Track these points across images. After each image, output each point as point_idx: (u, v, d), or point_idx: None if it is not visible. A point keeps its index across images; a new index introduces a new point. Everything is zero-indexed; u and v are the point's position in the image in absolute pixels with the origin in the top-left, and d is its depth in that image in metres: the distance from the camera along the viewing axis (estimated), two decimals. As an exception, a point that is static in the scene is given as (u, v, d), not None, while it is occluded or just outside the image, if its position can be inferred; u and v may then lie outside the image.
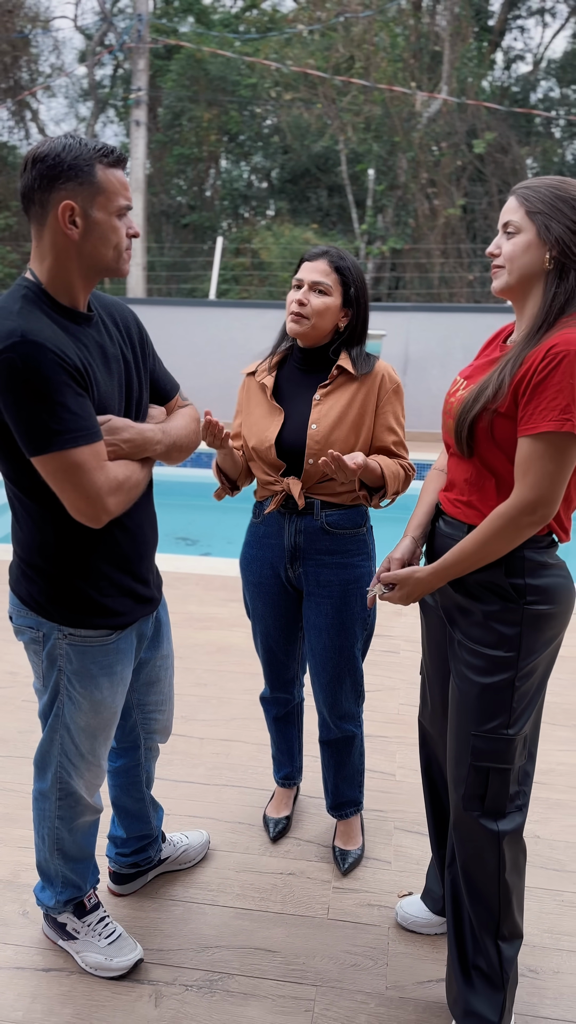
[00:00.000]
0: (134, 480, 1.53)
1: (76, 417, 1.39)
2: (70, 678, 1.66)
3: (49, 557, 1.58)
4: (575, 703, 3.27)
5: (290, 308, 1.99)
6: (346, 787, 2.30)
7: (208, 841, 2.31)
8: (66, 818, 1.83)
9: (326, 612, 2.09)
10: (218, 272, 11.39)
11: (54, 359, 1.36)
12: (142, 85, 13.60)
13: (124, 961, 1.88)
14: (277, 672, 2.29)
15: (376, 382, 2.02)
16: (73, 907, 1.93)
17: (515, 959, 1.69)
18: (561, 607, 1.60)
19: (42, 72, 20.19)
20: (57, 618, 1.61)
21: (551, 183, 1.52)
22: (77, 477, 1.41)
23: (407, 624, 4.03)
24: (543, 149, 18.61)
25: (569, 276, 1.52)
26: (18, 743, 2.86)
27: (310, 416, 2.00)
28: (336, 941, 2.01)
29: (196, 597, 4.33)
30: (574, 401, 1.43)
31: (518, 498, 1.50)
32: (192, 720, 3.05)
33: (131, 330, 1.66)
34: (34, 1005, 1.81)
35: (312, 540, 2.06)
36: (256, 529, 2.16)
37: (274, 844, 2.36)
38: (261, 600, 2.19)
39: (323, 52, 17.15)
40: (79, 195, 1.41)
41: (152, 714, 1.97)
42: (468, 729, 1.64)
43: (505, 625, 1.59)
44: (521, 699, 1.62)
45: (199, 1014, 1.79)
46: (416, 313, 9.90)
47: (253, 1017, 1.79)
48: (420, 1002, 1.85)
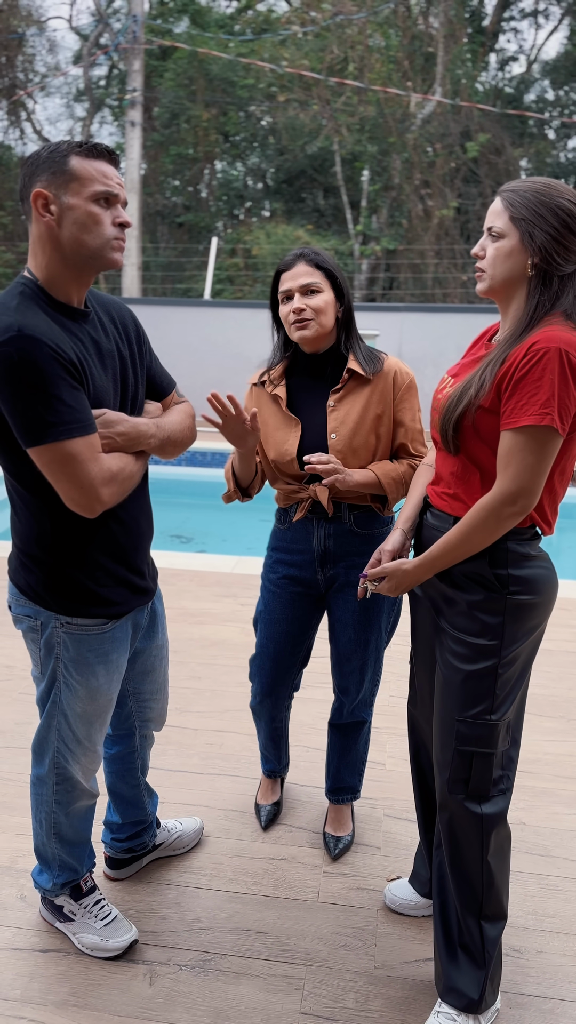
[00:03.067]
0: (128, 472, 1.57)
1: (71, 409, 1.44)
2: (67, 665, 1.71)
3: (46, 547, 1.62)
4: (562, 695, 3.33)
5: (288, 320, 1.97)
6: (347, 773, 2.36)
7: (201, 828, 2.36)
8: (63, 803, 1.88)
9: (354, 608, 2.13)
10: (213, 272, 11.44)
11: (50, 353, 1.41)
12: (137, 86, 13.64)
13: (119, 942, 1.93)
14: (280, 677, 2.26)
15: (389, 380, 2.02)
16: (70, 890, 1.98)
17: (498, 939, 1.75)
18: (543, 597, 1.65)
19: (37, 72, 20.21)
20: (54, 607, 1.66)
21: (536, 187, 1.54)
22: (71, 468, 1.45)
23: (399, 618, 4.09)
24: (536, 150, 18.71)
25: (552, 283, 1.56)
26: (15, 734, 2.91)
27: (328, 425, 2.00)
28: (326, 923, 2.07)
29: (191, 593, 4.38)
30: (554, 396, 1.47)
31: (499, 490, 1.54)
32: (186, 712, 3.10)
33: (128, 327, 1.70)
34: (32, 984, 1.86)
35: (342, 543, 2.09)
36: (283, 535, 2.16)
37: (266, 831, 2.42)
38: (280, 604, 2.18)
39: (317, 53, 17.21)
40: (52, 184, 1.46)
41: (147, 702, 2.02)
42: (453, 715, 1.70)
43: (488, 614, 1.64)
44: (504, 686, 1.67)
45: (192, 992, 1.85)
46: (410, 313, 9.97)
47: (245, 995, 1.84)
48: (407, 980, 1.90)
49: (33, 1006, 1.80)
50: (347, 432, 1.98)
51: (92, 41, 18.71)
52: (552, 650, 3.79)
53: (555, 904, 2.15)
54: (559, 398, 1.48)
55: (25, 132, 20.75)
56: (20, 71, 19.65)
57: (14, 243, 18.62)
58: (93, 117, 20.38)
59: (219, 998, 1.83)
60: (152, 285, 17.69)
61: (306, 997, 1.84)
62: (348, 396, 2.01)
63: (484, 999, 1.73)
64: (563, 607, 4.37)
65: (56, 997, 1.83)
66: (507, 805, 1.74)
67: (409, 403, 2.04)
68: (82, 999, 1.82)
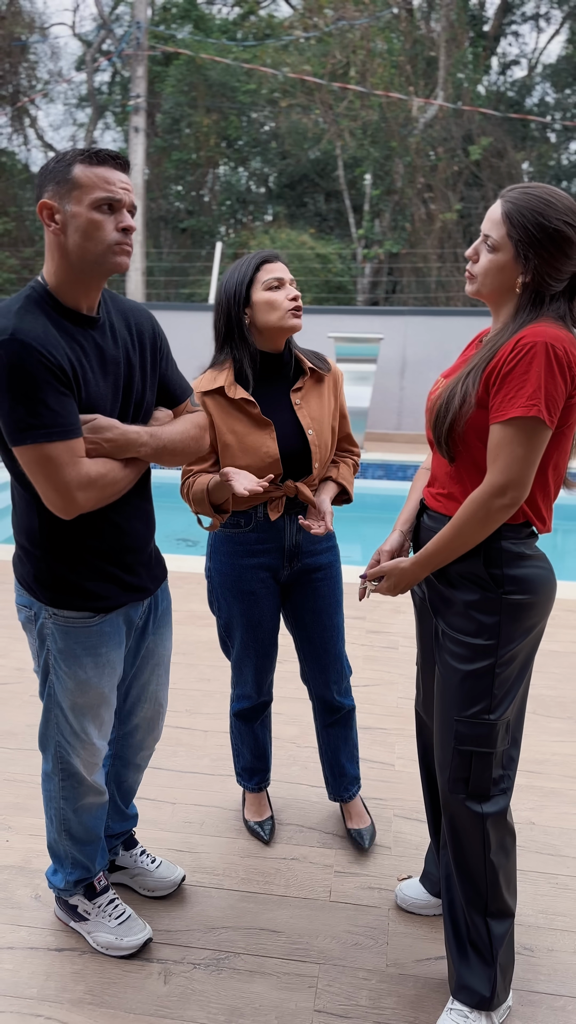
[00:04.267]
0: (111, 478, 1.58)
1: (54, 413, 1.47)
2: (56, 657, 1.74)
3: (35, 541, 1.68)
4: (569, 696, 3.34)
5: (283, 306, 2.00)
6: (349, 764, 2.38)
7: (177, 882, 2.16)
8: (70, 798, 1.88)
9: (323, 595, 2.21)
10: (217, 276, 11.47)
11: (38, 357, 1.45)
12: (140, 91, 13.70)
13: (134, 940, 1.95)
14: (265, 675, 2.30)
15: (333, 376, 2.19)
16: (83, 889, 1.99)
17: (504, 936, 1.76)
18: (539, 597, 1.66)
19: (40, 79, 20.30)
20: (43, 598, 1.71)
21: (536, 204, 1.54)
22: (48, 470, 1.49)
23: (406, 621, 4.11)
24: (539, 153, 18.75)
25: (543, 301, 1.59)
26: (26, 736, 2.93)
27: (301, 422, 2.06)
28: (338, 922, 2.08)
29: (198, 595, 4.40)
30: (540, 388, 1.50)
31: (489, 482, 1.56)
32: (196, 714, 3.12)
33: (144, 335, 1.72)
34: (48, 983, 1.88)
35: (309, 535, 2.16)
36: (243, 538, 2.12)
37: (271, 839, 2.43)
38: (259, 608, 2.18)
39: (320, 58, 17.27)
40: (56, 193, 1.51)
41: (132, 706, 1.98)
42: (451, 715, 1.71)
43: (485, 614, 1.65)
44: (502, 685, 1.68)
45: (207, 990, 1.87)
46: (413, 317, 10.00)
47: (259, 993, 1.86)
48: (419, 979, 1.92)
49: (49, 1004, 1.82)
50: (319, 427, 2.09)
51: (95, 47, 18.80)
52: (559, 651, 3.80)
53: (566, 903, 2.16)
54: (546, 390, 1.50)
55: (28, 139, 20.85)
56: (23, 78, 19.74)
57: (18, 248, 18.70)
58: (96, 123, 20.46)
59: (233, 996, 1.85)
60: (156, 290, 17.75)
61: (319, 995, 1.86)
62: (309, 393, 2.12)
63: (496, 996, 1.75)
64: (570, 609, 4.38)
65: (72, 995, 1.85)
66: (507, 803, 1.75)
67: (343, 394, 2.22)
68: (98, 997, 1.84)
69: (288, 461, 2.06)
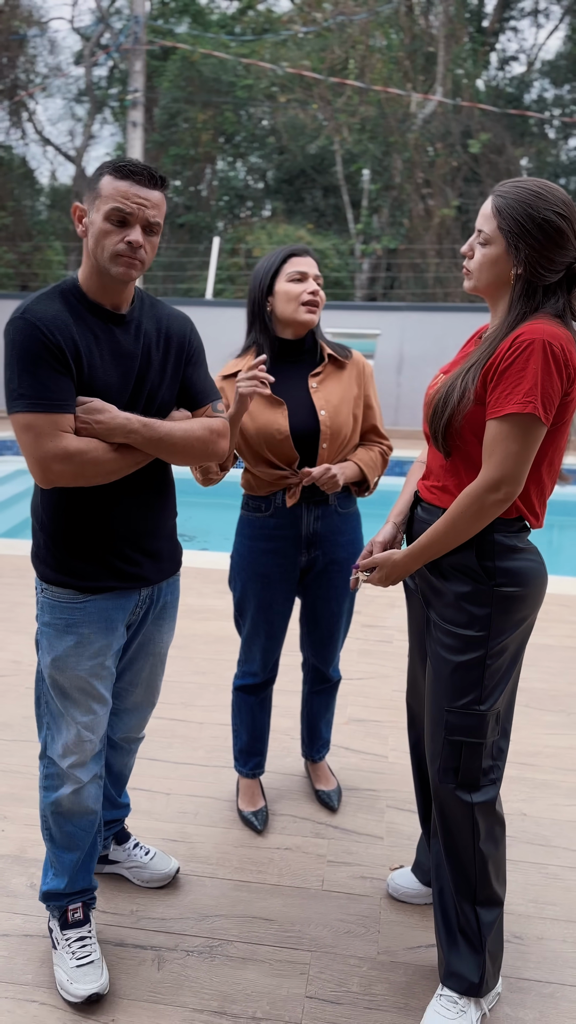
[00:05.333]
0: (91, 456, 1.61)
1: (43, 387, 1.57)
2: (43, 630, 1.80)
3: (38, 516, 1.76)
4: (562, 689, 3.37)
5: (300, 299, 2.11)
6: (325, 729, 2.59)
7: (171, 874, 2.18)
8: (48, 788, 1.85)
9: (336, 584, 2.30)
10: (215, 272, 11.48)
11: (40, 336, 1.57)
12: (138, 86, 13.68)
13: (81, 990, 1.78)
14: (273, 653, 2.37)
15: (360, 366, 2.25)
16: (57, 913, 1.91)
17: (493, 924, 1.77)
18: (530, 590, 1.67)
19: (39, 73, 20.26)
20: (38, 572, 1.79)
21: (526, 196, 1.57)
22: (29, 438, 1.59)
23: (400, 615, 4.13)
24: (537, 150, 18.74)
25: (536, 293, 1.60)
26: (23, 728, 2.95)
27: (315, 403, 2.13)
28: (330, 910, 2.11)
29: (195, 590, 4.42)
30: (536, 385, 1.51)
31: (484, 477, 1.58)
32: (191, 706, 3.14)
33: (172, 338, 1.78)
34: (42, 969, 1.90)
35: (327, 524, 2.23)
36: (263, 523, 2.22)
37: (264, 829, 2.45)
38: (271, 590, 2.26)
39: (318, 53, 17.24)
40: (87, 199, 1.64)
41: (122, 691, 1.99)
42: (442, 705, 1.73)
43: (476, 606, 1.67)
44: (492, 677, 1.70)
45: (200, 977, 1.89)
46: (411, 313, 10.01)
47: (251, 979, 1.88)
48: (410, 966, 1.94)
49: (44, 990, 1.84)
50: (333, 409, 2.14)
51: (93, 41, 18.76)
52: (553, 645, 3.83)
53: (555, 892, 2.19)
54: (542, 387, 1.51)
55: (27, 133, 20.80)
56: (21, 72, 19.69)
57: (15, 243, 18.67)
58: (94, 118, 20.43)
59: (226, 982, 1.87)
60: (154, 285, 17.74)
61: (311, 982, 1.88)
62: (328, 379, 2.19)
63: (484, 983, 1.77)
64: (563, 603, 4.41)
65: (67, 981, 1.86)
66: (496, 794, 1.77)
67: (374, 388, 2.28)
68: (92, 983, 1.86)
69: (301, 442, 2.13)
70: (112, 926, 2.03)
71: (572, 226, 1.57)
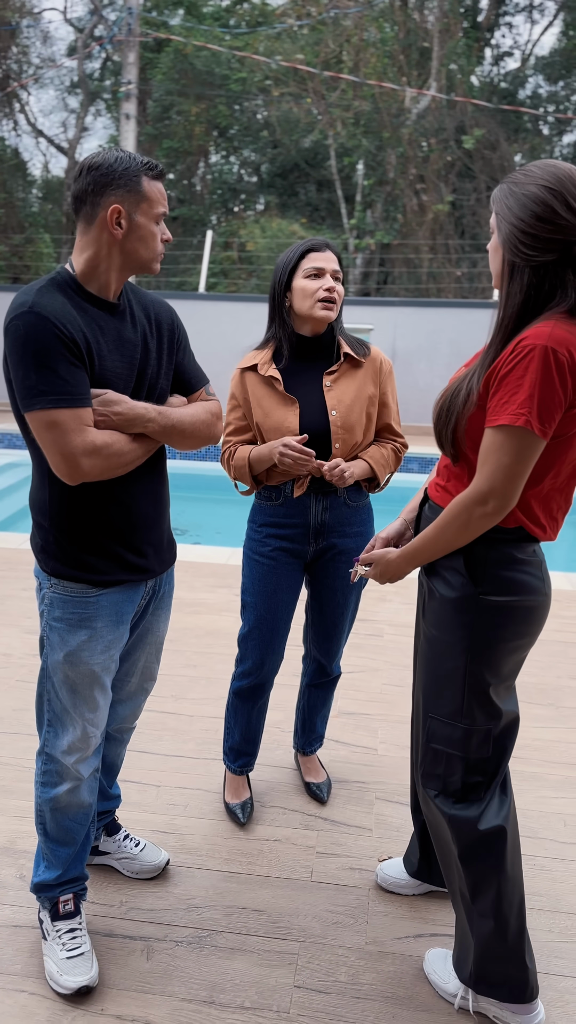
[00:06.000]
0: (116, 448, 1.63)
1: (63, 382, 1.55)
2: (52, 626, 1.77)
3: (45, 511, 1.73)
4: (551, 683, 3.39)
5: (316, 296, 2.09)
6: (320, 723, 2.60)
7: (161, 866, 2.18)
8: (47, 784, 1.85)
9: (343, 575, 2.30)
10: (207, 266, 11.45)
11: (52, 329, 1.53)
12: (132, 78, 13.62)
13: (71, 981, 1.79)
14: (275, 649, 2.33)
15: (377, 364, 2.23)
16: (49, 904, 1.91)
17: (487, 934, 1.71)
18: (519, 603, 1.58)
19: (32, 63, 20.14)
20: (47, 568, 1.76)
21: (515, 176, 1.49)
22: (55, 435, 1.56)
23: (390, 609, 4.14)
24: (531, 146, 18.74)
25: (517, 277, 1.49)
26: (12, 720, 2.95)
27: (327, 402, 2.13)
28: (319, 901, 2.12)
29: (186, 584, 4.43)
30: (533, 396, 1.41)
31: (473, 488, 1.50)
32: (182, 699, 3.15)
33: (163, 325, 1.80)
34: (32, 960, 1.90)
35: (336, 515, 2.23)
36: (274, 510, 2.24)
37: (248, 821, 2.44)
38: (275, 575, 2.26)
39: (312, 47, 17.20)
40: (126, 200, 1.61)
41: (118, 680, 2.01)
42: (427, 709, 1.71)
43: (460, 612, 1.61)
44: (477, 694, 1.63)
45: (189, 967, 1.90)
46: (404, 308, 10.01)
47: (240, 969, 1.89)
48: (398, 956, 1.95)
49: (33, 980, 1.85)
50: (344, 409, 2.13)
51: (87, 33, 18.66)
52: (541, 639, 3.85)
53: (542, 883, 2.21)
54: (539, 398, 1.42)
55: (19, 123, 20.69)
56: (14, 62, 19.58)
57: (7, 235, 18.58)
58: (87, 109, 20.33)
59: (215, 972, 1.88)
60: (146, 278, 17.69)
61: (299, 971, 1.89)
62: (343, 377, 2.17)
63: (473, 979, 1.75)
64: (554, 598, 4.43)
65: (56, 971, 1.87)
66: (480, 814, 1.67)
67: (392, 386, 2.25)
68: (81, 973, 1.87)
69: (313, 441, 2.14)
70: (102, 916, 2.04)
71: (563, 200, 1.43)
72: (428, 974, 1.87)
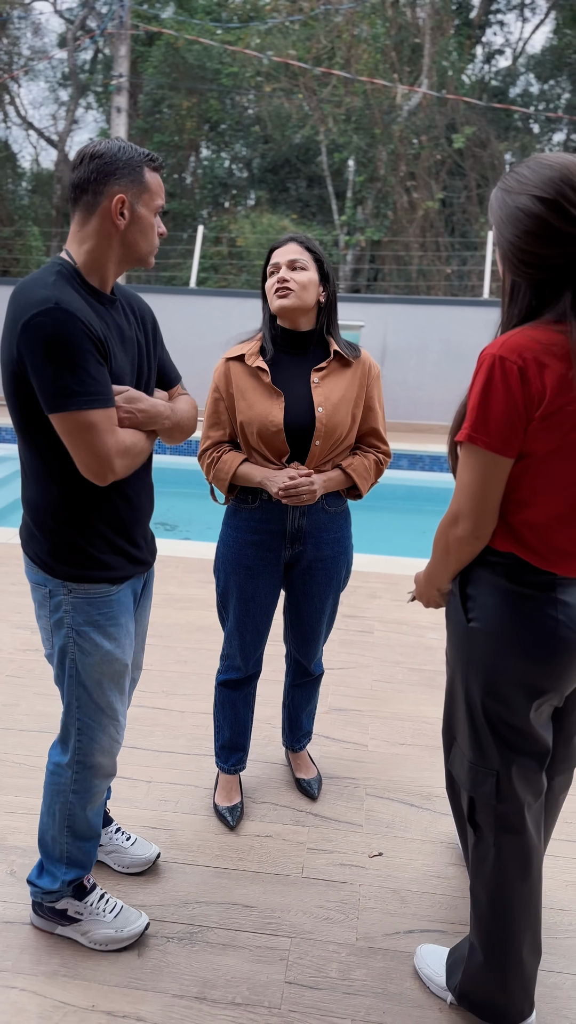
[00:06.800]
0: (139, 448, 1.66)
1: (95, 382, 1.52)
2: (78, 632, 1.73)
3: (54, 513, 1.68)
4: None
5: (271, 290, 2.10)
6: (307, 720, 2.61)
7: (151, 860, 2.19)
8: (81, 791, 1.85)
9: (320, 581, 2.27)
10: (198, 260, 11.41)
11: (81, 327, 1.50)
12: (123, 71, 13.55)
13: (134, 928, 1.92)
14: (256, 647, 2.35)
15: (366, 367, 2.20)
16: (73, 889, 1.94)
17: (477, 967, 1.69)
18: (504, 633, 1.46)
19: (22, 55, 19.99)
20: (60, 573, 1.70)
21: (508, 181, 1.39)
22: (91, 436, 1.53)
23: (380, 606, 4.15)
24: (522, 144, 18.76)
25: (519, 294, 1.40)
26: (3, 715, 2.94)
27: (314, 399, 2.10)
28: (310, 897, 2.12)
29: (177, 579, 4.42)
30: (476, 408, 1.34)
31: (448, 509, 1.45)
32: (173, 695, 3.14)
33: (146, 320, 1.81)
34: (23, 956, 1.90)
35: (314, 521, 2.20)
36: (249, 514, 2.20)
37: (236, 826, 2.42)
38: (253, 582, 2.24)
39: (304, 43, 17.15)
40: (130, 191, 1.59)
41: None
42: (449, 726, 1.69)
43: (458, 643, 1.55)
44: (477, 729, 1.54)
45: (180, 963, 1.90)
46: (394, 305, 10.01)
47: (231, 965, 1.90)
48: (388, 952, 1.96)
49: (24, 976, 1.84)
50: (331, 408, 2.10)
51: (77, 24, 18.53)
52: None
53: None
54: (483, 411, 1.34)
55: (8, 116, 20.53)
56: (4, 54, 19.42)
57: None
58: (77, 102, 20.19)
59: (206, 968, 1.88)
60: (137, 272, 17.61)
61: (290, 967, 1.90)
62: (331, 376, 2.14)
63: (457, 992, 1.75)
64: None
65: (47, 968, 1.87)
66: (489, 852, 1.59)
67: (378, 391, 2.23)
68: (72, 969, 1.87)
69: (294, 437, 2.10)
70: (92, 913, 2.03)
71: (560, 211, 1.30)
72: (420, 969, 1.88)
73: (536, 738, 1.53)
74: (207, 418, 2.23)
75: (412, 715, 3.06)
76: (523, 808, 1.56)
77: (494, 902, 1.63)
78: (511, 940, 1.63)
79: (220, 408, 2.20)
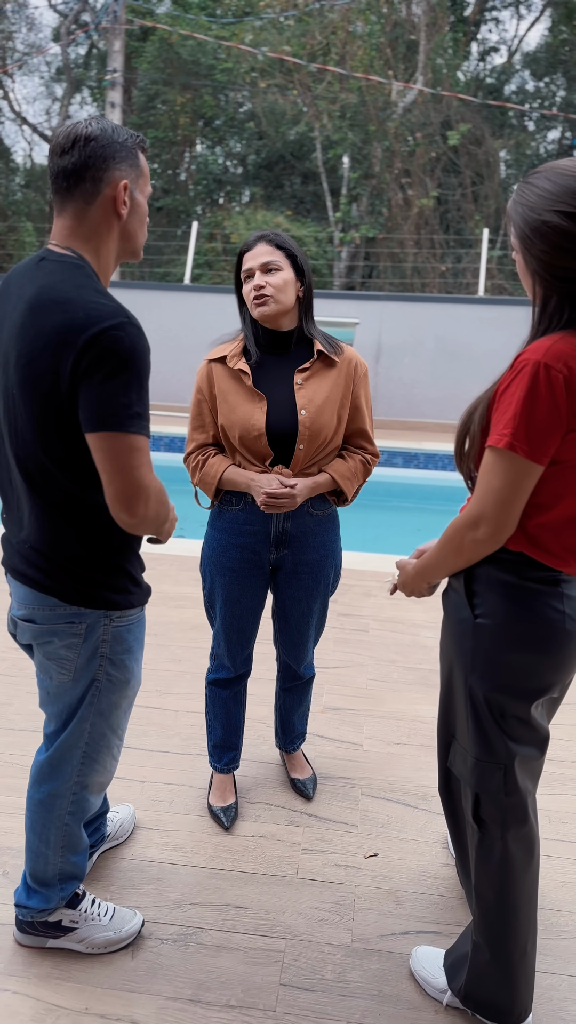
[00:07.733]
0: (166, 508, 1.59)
1: (146, 407, 1.43)
2: (113, 660, 1.67)
3: (86, 542, 1.55)
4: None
5: (249, 297, 2.05)
6: (299, 721, 2.59)
7: (134, 814, 2.33)
8: (78, 812, 1.81)
9: (306, 585, 2.23)
10: (192, 257, 11.38)
11: (147, 347, 1.41)
12: (117, 67, 13.49)
13: (132, 927, 1.92)
14: (244, 648, 2.32)
15: (352, 366, 2.13)
16: (66, 900, 1.89)
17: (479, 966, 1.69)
18: (512, 628, 1.47)
19: (16, 50, 19.87)
20: (105, 603, 1.60)
21: (527, 195, 1.37)
22: (136, 461, 1.42)
23: (375, 604, 4.14)
24: (516, 142, 18.75)
25: (550, 302, 1.39)
26: (-5, 715, 2.92)
27: (297, 401, 2.04)
28: (305, 898, 2.11)
29: (171, 577, 4.40)
30: (518, 415, 1.32)
31: (467, 511, 1.44)
32: (167, 694, 3.12)
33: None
34: (15, 958, 1.88)
35: (299, 524, 2.16)
36: (233, 516, 2.16)
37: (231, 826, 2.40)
38: (238, 584, 2.21)
39: (299, 39, 17.10)
40: (130, 175, 1.48)
41: None
42: (445, 722, 1.68)
43: (463, 638, 1.54)
44: (483, 725, 1.54)
45: (174, 965, 1.88)
46: (389, 302, 10.00)
47: (226, 967, 1.88)
48: (384, 953, 1.95)
49: (17, 979, 1.83)
50: (315, 410, 2.05)
51: (71, 19, 18.44)
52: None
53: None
54: (527, 419, 1.32)
55: (2, 110, 20.42)
56: (-3, 48, 19.30)
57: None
58: (71, 97, 20.10)
59: (200, 970, 1.87)
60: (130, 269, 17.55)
61: (285, 969, 1.89)
62: (314, 376, 2.09)
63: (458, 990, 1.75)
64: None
65: (39, 970, 1.85)
66: (495, 846, 1.60)
67: (365, 390, 2.16)
68: (65, 972, 1.85)
69: (277, 440, 2.06)
70: (86, 914, 2.02)
71: None
72: (416, 971, 1.87)
73: (538, 727, 1.56)
74: (192, 420, 2.19)
75: (407, 714, 3.05)
76: (527, 797, 1.59)
77: (501, 896, 1.63)
78: (517, 933, 1.64)
79: (204, 410, 2.15)
